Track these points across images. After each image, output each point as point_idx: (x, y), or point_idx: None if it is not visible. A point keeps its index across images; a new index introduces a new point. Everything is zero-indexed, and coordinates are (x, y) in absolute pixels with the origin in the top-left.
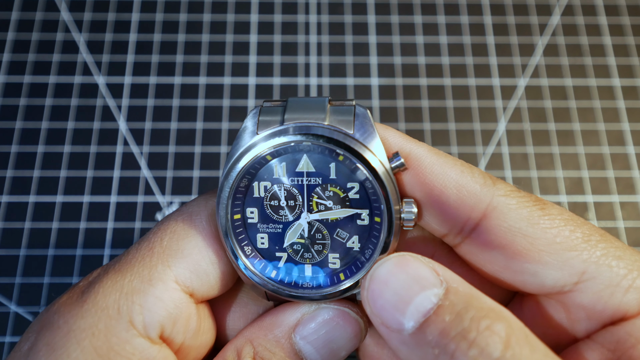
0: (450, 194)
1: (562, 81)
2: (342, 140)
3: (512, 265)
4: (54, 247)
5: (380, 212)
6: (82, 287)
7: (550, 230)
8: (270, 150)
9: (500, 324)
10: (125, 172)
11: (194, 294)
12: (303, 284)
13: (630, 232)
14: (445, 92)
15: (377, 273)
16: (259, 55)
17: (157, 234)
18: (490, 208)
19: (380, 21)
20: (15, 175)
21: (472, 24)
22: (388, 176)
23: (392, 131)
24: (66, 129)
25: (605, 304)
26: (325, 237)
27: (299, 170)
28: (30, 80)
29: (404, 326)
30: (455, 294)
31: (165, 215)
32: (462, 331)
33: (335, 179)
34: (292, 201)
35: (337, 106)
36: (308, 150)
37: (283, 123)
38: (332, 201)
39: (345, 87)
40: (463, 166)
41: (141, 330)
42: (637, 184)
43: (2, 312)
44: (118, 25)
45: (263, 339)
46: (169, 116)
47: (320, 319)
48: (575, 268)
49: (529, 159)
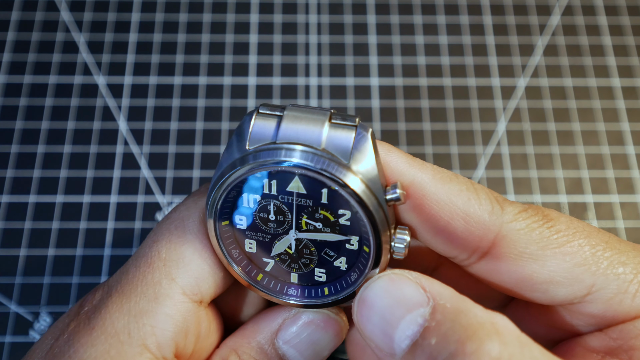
0: (457, 225)
1: (562, 81)
2: (331, 171)
3: (522, 286)
4: (54, 247)
5: (369, 242)
6: (89, 313)
7: (559, 250)
8: (260, 170)
9: (490, 344)
10: (125, 172)
11: (204, 299)
12: (288, 291)
13: (630, 232)
14: (445, 92)
15: (363, 296)
16: (259, 55)
17: (152, 247)
18: (499, 237)
19: (380, 21)
20: (15, 176)
21: (472, 24)
22: (379, 208)
23: (395, 154)
24: (66, 129)
25: (615, 311)
26: (313, 254)
27: (290, 190)
28: (30, 80)
29: (395, 351)
30: (442, 312)
31: (156, 225)
32: (449, 356)
33: (326, 203)
34: (281, 217)
35: (337, 125)
36: (300, 173)
37: (276, 140)
38: (322, 224)
39: (345, 88)
40: (469, 192)
41: (155, 352)
42: (637, 184)
43: (2, 312)
44: (118, 26)
45: (247, 347)
46: (169, 116)
47: (300, 322)
48: (585, 282)
49: (528, 159)
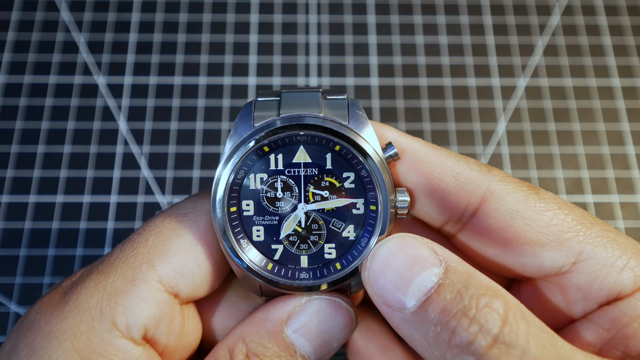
0: (448, 182)
1: (562, 81)
2: (338, 130)
3: (511, 248)
4: (54, 247)
5: (376, 200)
6: (65, 287)
7: (546, 213)
8: (267, 142)
9: (498, 301)
10: (125, 172)
11: (179, 294)
12: (299, 275)
13: (630, 232)
14: (445, 92)
15: (378, 254)
16: (259, 55)
17: (141, 234)
18: (488, 193)
19: (380, 21)
20: (15, 176)
21: (472, 24)
22: (383, 164)
23: (387, 127)
24: (66, 129)
25: (601, 283)
26: (321, 228)
27: (296, 162)
28: (30, 80)
29: (405, 305)
30: (454, 273)
31: (151, 218)
32: (462, 308)
33: (331, 169)
34: (288, 192)
35: (330, 99)
36: (304, 141)
37: (279, 115)
38: (328, 191)
39: (345, 88)
40: (458, 156)
41: (124, 331)
42: (637, 184)
43: (2, 312)
44: (118, 26)
45: (255, 335)
46: (169, 116)
47: (311, 310)
48: (573, 248)
49: (528, 159)
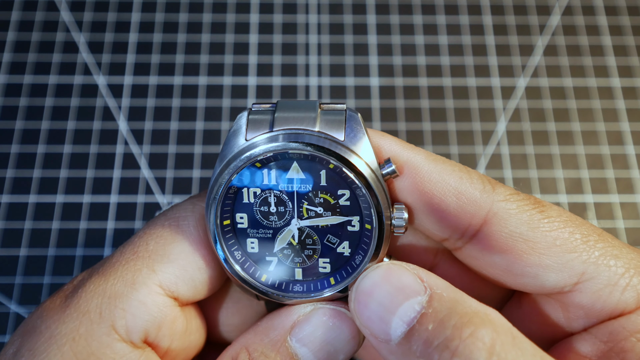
0: (449, 202)
1: (561, 81)
2: (332, 148)
3: (512, 269)
4: (54, 247)
5: (371, 219)
6: (67, 291)
7: (550, 234)
8: (259, 158)
9: (484, 330)
10: (125, 172)
11: (179, 298)
12: (293, 288)
13: (630, 232)
14: (445, 93)
15: (361, 285)
16: (259, 55)
17: (142, 237)
18: (490, 214)
19: (380, 22)
20: (15, 176)
21: (472, 24)
22: (378, 183)
23: (388, 138)
24: (66, 129)
25: (603, 302)
26: (316, 243)
27: (289, 177)
28: (30, 80)
29: (390, 337)
30: (439, 301)
31: (151, 219)
32: (444, 340)
33: (325, 185)
34: (282, 207)
35: (327, 110)
36: (298, 157)
37: (272, 129)
38: (323, 208)
39: (345, 88)
40: (461, 172)
41: (123, 335)
42: (637, 184)
43: (2, 312)
44: (118, 26)
45: (259, 344)
46: (169, 116)
47: (315, 319)
48: (575, 269)
49: (528, 159)
